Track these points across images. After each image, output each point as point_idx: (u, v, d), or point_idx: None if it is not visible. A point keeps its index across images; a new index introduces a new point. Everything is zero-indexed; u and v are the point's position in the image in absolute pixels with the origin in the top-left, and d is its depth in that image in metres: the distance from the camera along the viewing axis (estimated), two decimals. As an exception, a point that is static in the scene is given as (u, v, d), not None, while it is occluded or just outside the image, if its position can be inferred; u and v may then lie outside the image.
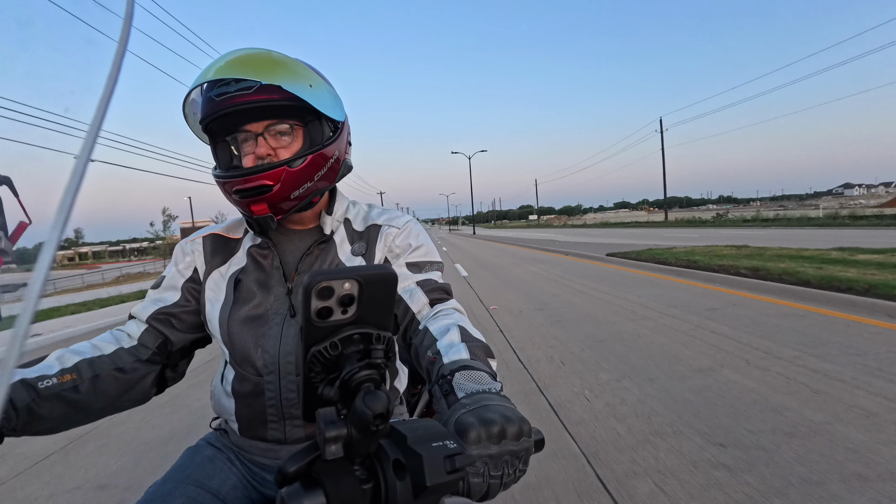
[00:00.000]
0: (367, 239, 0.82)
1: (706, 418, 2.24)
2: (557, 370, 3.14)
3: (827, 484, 1.66)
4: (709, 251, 9.57)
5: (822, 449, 1.88)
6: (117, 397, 0.71)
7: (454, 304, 0.75)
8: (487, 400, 0.46)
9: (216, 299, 0.78)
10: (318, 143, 0.74)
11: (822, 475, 1.71)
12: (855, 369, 2.73)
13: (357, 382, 0.37)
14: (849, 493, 1.61)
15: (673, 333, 3.82)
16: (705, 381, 2.72)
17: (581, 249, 13.13)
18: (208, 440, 0.83)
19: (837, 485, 1.65)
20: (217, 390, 0.80)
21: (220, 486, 0.74)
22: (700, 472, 1.80)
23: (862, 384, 2.51)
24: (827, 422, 2.11)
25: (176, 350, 0.80)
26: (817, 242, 10.11)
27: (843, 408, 2.24)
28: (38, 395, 0.61)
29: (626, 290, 6.06)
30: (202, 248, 0.83)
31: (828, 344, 3.27)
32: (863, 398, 2.34)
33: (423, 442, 0.37)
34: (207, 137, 0.77)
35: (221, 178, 0.72)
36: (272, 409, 0.73)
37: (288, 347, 0.73)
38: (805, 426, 2.09)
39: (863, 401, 2.31)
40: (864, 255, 6.91)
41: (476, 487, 0.41)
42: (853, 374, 2.67)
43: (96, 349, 0.72)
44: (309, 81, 0.71)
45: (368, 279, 0.37)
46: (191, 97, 0.74)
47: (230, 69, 0.67)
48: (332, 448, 0.35)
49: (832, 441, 1.94)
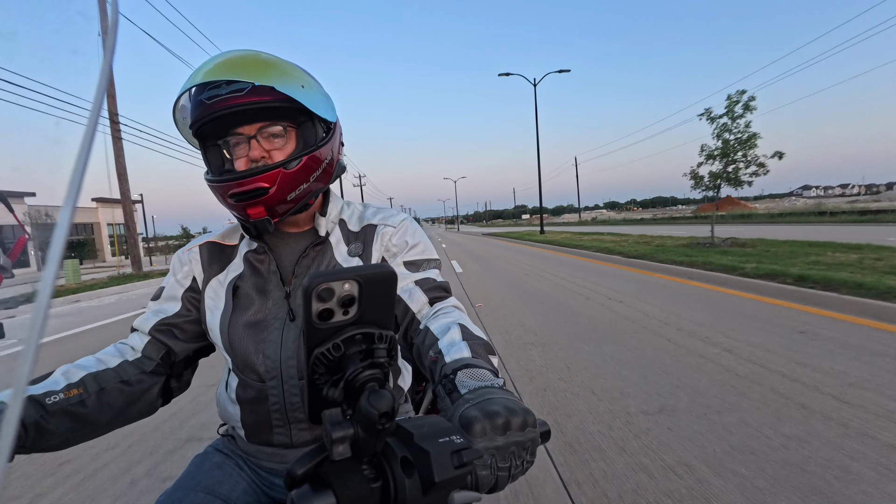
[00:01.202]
0: (363, 239, 0.82)
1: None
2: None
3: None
4: (575, 236, 17.67)
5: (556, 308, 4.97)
6: (123, 410, 0.71)
7: (453, 302, 0.75)
8: (490, 394, 0.47)
9: (216, 307, 0.78)
10: (311, 144, 0.73)
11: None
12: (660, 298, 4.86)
13: (361, 382, 0.37)
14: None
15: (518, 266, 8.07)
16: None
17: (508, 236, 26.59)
18: (216, 447, 0.83)
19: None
20: (222, 397, 0.81)
21: (230, 492, 0.75)
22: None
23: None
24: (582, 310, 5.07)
25: (180, 360, 0.80)
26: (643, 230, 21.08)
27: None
28: (46, 410, 0.61)
29: (491, 246, 17.05)
30: (199, 257, 0.83)
31: (585, 269, 7.77)
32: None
33: (430, 438, 0.37)
34: (198, 142, 0.76)
35: (216, 182, 0.71)
36: (277, 413, 0.73)
37: (289, 352, 0.73)
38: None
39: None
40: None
41: (484, 480, 0.41)
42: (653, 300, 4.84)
43: (101, 363, 0.72)
44: (301, 82, 0.71)
45: (368, 279, 0.37)
46: (180, 102, 0.73)
47: (221, 71, 0.67)
48: (340, 448, 0.35)
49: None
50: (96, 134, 0.26)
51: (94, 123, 0.26)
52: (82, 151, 0.24)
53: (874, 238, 9.77)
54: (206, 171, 0.76)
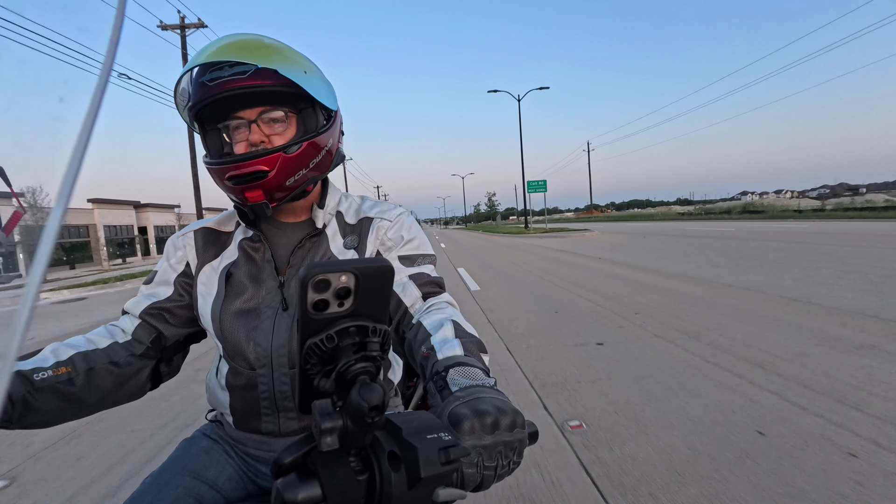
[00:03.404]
0: (359, 232, 0.82)
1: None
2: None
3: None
4: (511, 225, 41.39)
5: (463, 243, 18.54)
6: (112, 391, 0.71)
7: (447, 298, 0.75)
8: (481, 392, 0.47)
9: (208, 293, 0.78)
10: (312, 130, 0.73)
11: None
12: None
13: (353, 375, 0.37)
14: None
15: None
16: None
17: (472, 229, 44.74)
18: (204, 432, 0.83)
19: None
20: (212, 383, 0.81)
21: (217, 478, 0.74)
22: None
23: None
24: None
25: (170, 345, 0.80)
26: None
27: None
28: (34, 386, 0.61)
29: (456, 232, 38.42)
30: (194, 243, 0.83)
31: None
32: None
33: (418, 434, 0.37)
34: (197, 125, 0.76)
35: (214, 164, 0.70)
36: (266, 402, 0.73)
37: (280, 340, 0.72)
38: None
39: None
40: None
41: (470, 478, 0.41)
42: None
43: (91, 343, 0.71)
44: (303, 68, 0.70)
45: (365, 272, 0.37)
46: (181, 85, 0.73)
47: (224, 53, 0.66)
48: (328, 439, 0.35)
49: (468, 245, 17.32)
50: (95, 125, 0.25)
51: (95, 113, 0.25)
52: (82, 136, 0.24)
53: (653, 227, 20.10)
54: (205, 155, 0.75)
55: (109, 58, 0.26)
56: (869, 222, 15.17)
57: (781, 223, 17.80)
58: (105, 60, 0.26)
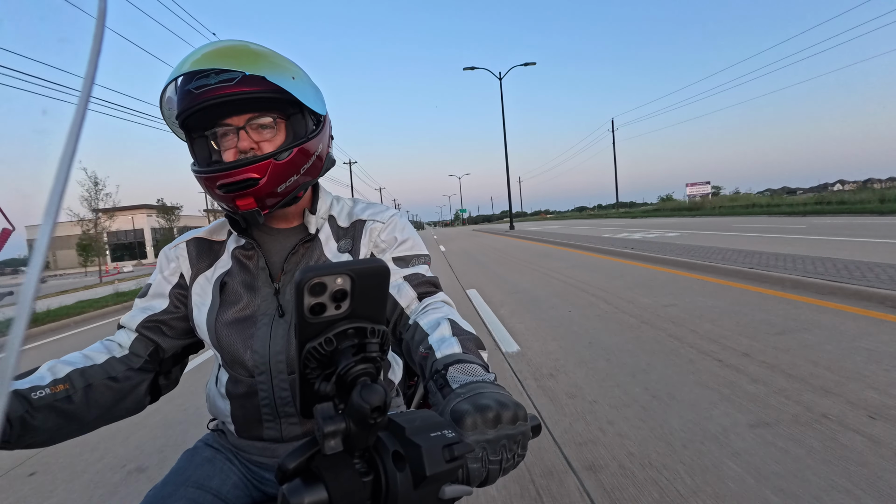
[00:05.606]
0: (352, 235, 0.81)
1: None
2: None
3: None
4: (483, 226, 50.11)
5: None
6: (111, 407, 0.70)
7: (442, 297, 0.75)
8: (481, 388, 0.47)
9: (203, 303, 0.77)
10: (301, 136, 0.72)
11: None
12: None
13: (353, 377, 0.37)
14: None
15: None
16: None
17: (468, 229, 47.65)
18: (206, 441, 0.83)
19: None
20: (212, 392, 0.80)
21: (221, 487, 0.74)
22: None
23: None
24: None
25: (168, 357, 0.79)
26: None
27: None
28: (32, 405, 0.60)
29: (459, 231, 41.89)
30: (186, 254, 0.82)
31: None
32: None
33: (422, 432, 0.37)
34: (184, 133, 0.74)
35: (204, 173, 0.69)
36: (266, 408, 0.73)
37: (278, 346, 0.72)
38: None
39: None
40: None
41: (475, 473, 0.41)
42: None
43: (88, 359, 0.71)
44: (291, 73, 0.69)
45: (361, 273, 0.37)
46: (167, 94, 0.72)
47: (209, 60, 0.65)
48: (332, 443, 0.35)
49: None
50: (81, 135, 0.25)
51: (80, 125, 0.25)
52: (69, 144, 0.23)
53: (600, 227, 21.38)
54: (193, 163, 0.74)
55: (91, 67, 0.25)
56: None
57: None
58: (87, 70, 0.25)
